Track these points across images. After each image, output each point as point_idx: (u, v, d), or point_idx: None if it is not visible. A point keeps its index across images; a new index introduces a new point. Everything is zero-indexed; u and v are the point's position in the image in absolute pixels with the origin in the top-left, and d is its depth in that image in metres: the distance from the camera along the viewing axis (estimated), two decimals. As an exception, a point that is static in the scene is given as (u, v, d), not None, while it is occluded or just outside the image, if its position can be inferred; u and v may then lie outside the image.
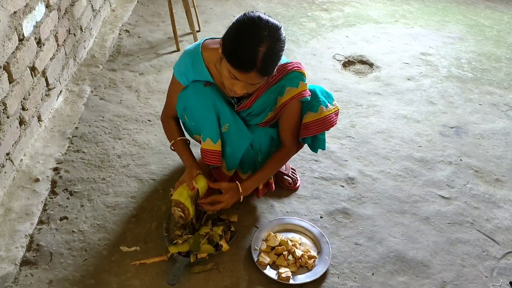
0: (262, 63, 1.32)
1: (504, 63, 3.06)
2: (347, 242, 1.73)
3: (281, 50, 1.37)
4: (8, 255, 1.57)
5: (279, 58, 1.39)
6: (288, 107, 1.61)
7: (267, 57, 1.33)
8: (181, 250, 1.59)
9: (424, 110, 2.53)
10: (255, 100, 1.59)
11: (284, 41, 1.38)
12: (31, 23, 1.94)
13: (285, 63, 1.57)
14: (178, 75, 1.63)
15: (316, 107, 1.64)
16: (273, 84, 1.57)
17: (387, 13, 3.68)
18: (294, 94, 1.57)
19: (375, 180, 2.03)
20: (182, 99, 1.62)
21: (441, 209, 1.90)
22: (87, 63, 2.66)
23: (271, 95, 1.59)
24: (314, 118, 1.64)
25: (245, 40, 1.32)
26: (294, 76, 1.57)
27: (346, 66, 2.93)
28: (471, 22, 3.63)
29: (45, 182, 1.87)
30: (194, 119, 1.64)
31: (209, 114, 1.58)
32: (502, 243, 1.77)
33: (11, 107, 1.79)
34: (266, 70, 1.36)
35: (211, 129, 1.61)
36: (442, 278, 1.63)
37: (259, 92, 1.58)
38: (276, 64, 1.40)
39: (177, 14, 3.10)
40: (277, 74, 1.56)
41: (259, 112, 1.63)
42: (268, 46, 1.32)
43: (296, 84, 1.57)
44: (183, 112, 1.65)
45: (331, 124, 1.68)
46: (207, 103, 1.57)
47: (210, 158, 1.66)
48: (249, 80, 1.38)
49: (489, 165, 2.16)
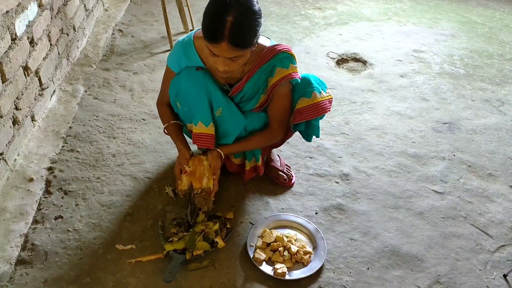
0: (231, 32, 1.32)
1: (496, 59, 3.08)
2: (342, 237, 1.74)
3: (252, 19, 1.36)
4: (3, 255, 1.57)
5: (253, 28, 1.38)
6: (278, 89, 1.62)
7: (235, 26, 1.32)
8: (176, 248, 1.59)
9: (417, 106, 2.55)
10: (246, 82, 1.61)
11: (257, 12, 1.37)
12: (24, 23, 1.93)
13: (274, 45, 1.60)
14: (170, 63, 1.67)
15: (310, 92, 1.66)
16: (263, 63, 1.59)
17: (380, 11, 3.70)
18: (284, 75, 1.59)
19: (369, 176, 2.04)
20: (175, 84, 1.65)
21: (435, 204, 1.92)
22: (80, 63, 2.65)
23: (262, 75, 1.61)
24: (307, 103, 1.66)
25: (212, 11, 1.35)
26: (284, 57, 1.59)
27: (340, 64, 2.94)
28: (463, 19, 3.66)
29: (39, 182, 1.86)
30: (186, 104, 1.65)
31: (201, 97, 1.60)
32: (496, 237, 1.79)
33: (4, 106, 1.78)
34: (237, 40, 1.35)
35: (203, 112, 1.62)
36: (436, 272, 1.64)
37: (250, 74, 1.60)
38: (250, 36, 1.38)
39: (170, 13, 3.10)
40: (267, 54, 1.58)
41: (251, 95, 1.65)
42: (236, 15, 1.32)
43: (286, 65, 1.59)
44: (176, 99, 1.67)
45: (325, 110, 1.69)
46: (199, 86, 1.59)
47: (202, 141, 1.66)
48: (223, 53, 1.37)
49: (482, 160, 2.18)
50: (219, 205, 1.81)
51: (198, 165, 1.67)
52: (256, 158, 1.83)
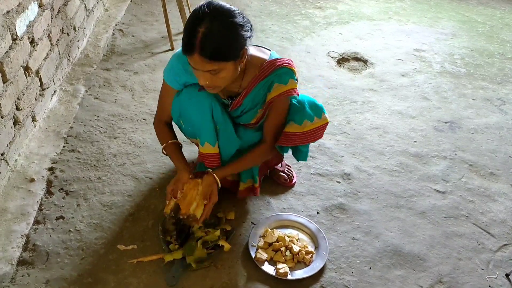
0: (202, 43, 1.29)
1: (496, 58, 3.08)
2: (344, 237, 1.74)
3: (228, 31, 1.31)
4: (5, 255, 1.56)
5: (227, 40, 1.31)
6: (275, 104, 1.58)
7: (206, 37, 1.28)
8: (176, 257, 1.57)
9: (419, 105, 2.55)
10: (245, 97, 1.58)
11: (238, 24, 1.32)
12: (24, 23, 1.93)
13: (275, 59, 1.55)
14: (168, 80, 1.60)
15: (301, 120, 1.61)
16: (261, 79, 1.55)
17: (380, 10, 3.70)
18: (282, 91, 1.55)
19: (371, 175, 2.03)
20: (177, 105, 1.60)
21: (437, 203, 1.92)
22: (81, 63, 2.65)
23: (260, 91, 1.57)
24: (296, 130, 1.62)
25: (188, 23, 1.33)
26: (283, 72, 1.54)
27: (341, 63, 2.94)
28: (464, 18, 3.65)
29: (40, 182, 1.86)
30: (191, 125, 1.63)
31: (206, 119, 1.57)
32: (498, 236, 1.79)
33: (5, 107, 1.78)
34: (208, 53, 1.29)
35: (208, 133, 1.60)
36: (438, 271, 1.64)
37: (249, 89, 1.56)
38: (225, 48, 1.32)
39: (170, 13, 3.09)
40: (266, 69, 1.53)
41: (250, 109, 1.62)
42: (208, 26, 1.29)
43: (285, 82, 1.54)
44: (179, 118, 1.64)
45: (314, 138, 1.66)
46: (203, 108, 1.55)
47: (210, 162, 1.66)
48: (198, 65, 1.34)
49: (484, 159, 2.18)
50: (220, 205, 1.80)
51: (192, 189, 1.59)
52: (254, 179, 1.77)
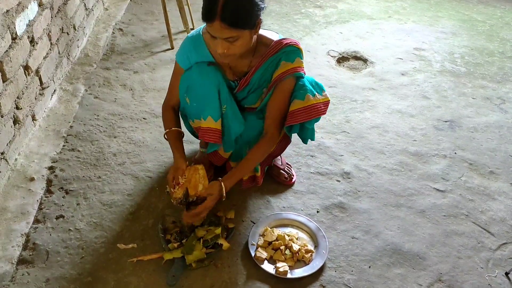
0: (223, 10, 1.32)
1: (496, 57, 3.08)
2: (344, 236, 1.74)
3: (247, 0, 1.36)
4: (5, 254, 1.57)
5: (247, 8, 1.37)
6: (281, 84, 1.61)
7: (227, 4, 1.32)
8: (175, 256, 1.57)
9: (418, 104, 2.55)
10: (253, 74, 1.61)
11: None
12: (24, 22, 1.93)
13: (282, 38, 1.60)
14: (180, 60, 1.65)
15: (302, 94, 1.63)
16: (270, 56, 1.58)
17: (380, 9, 3.70)
18: (288, 68, 1.58)
19: (370, 174, 2.04)
20: (185, 79, 1.63)
21: (437, 202, 1.92)
22: (81, 62, 2.65)
23: (268, 68, 1.60)
24: (300, 105, 1.64)
25: None
26: (290, 50, 1.58)
27: (340, 62, 2.94)
28: (464, 17, 3.65)
29: (40, 181, 1.86)
30: (196, 99, 1.64)
31: (212, 92, 1.59)
32: (497, 235, 1.79)
33: (5, 106, 1.78)
34: (229, 18, 1.34)
35: (213, 107, 1.61)
36: (438, 270, 1.64)
37: (257, 66, 1.59)
38: (245, 15, 1.37)
39: (170, 12, 3.09)
40: (274, 47, 1.58)
41: (256, 88, 1.65)
42: None
43: (292, 59, 1.58)
44: (185, 94, 1.66)
45: (318, 112, 1.66)
46: (210, 82, 1.58)
47: (210, 136, 1.65)
48: (218, 33, 1.37)
49: (483, 158, 2.18)
50: (220, 204, 1.80)
51: (193, 174, 1.61)
52: (255, 168, 1.78)
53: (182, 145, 1.72)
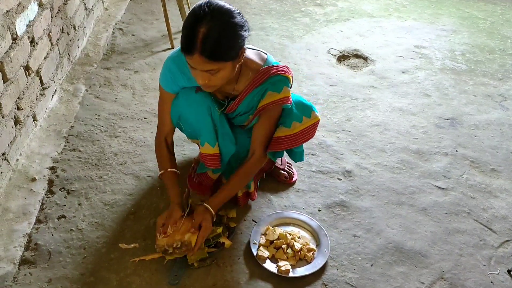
0: (202, 44, 1.27)
1: (497, 54, 3.07)
2: (346, 234, 1.74)
3: (228, 31, 1.30)
4: (7, 255, 1.57)
5: (227, 41, 1.30)
6: (268, 111, 1.56)
7: (207, 38, 1.26)
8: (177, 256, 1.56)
9: (419, 102, 2.54)
10: (240, 102, 1.57)
11: (237, 24, 1.31)
12: (24, 22, 1.93)
13: (270, 66, 1.53)
14: (165, 85, 1.58)
15: (289, 122, 1.61)
16: (256, 86, 1.53)
17: (380, 7, 3.69)
18: (274, 99, 1.53)
19: (372, 172, 2.03)
20: (175, 108, 1.60)
21: (438, 200, 1.91)
22: (81, 62, 2.65)
23: (255, 97, 1.56)
24: (285, 133, 1.61)
25: (187, 24, 1.31)
26: (277, 80, 1.52)
27: (341, 60, 2.93)
28: (464, 14, 3.64)
29: (42, 182, 1.86)
30: (190, 127, 1.63)
31: (205, 120, 1.57)
32: (499, 232, 1.79)
33: (5, 106, 1.78)
34: (208, 52, 1.28)
35: (208, 134, 1.60)
36: (440, 268, 1.64)
37: (243, 94, 1.55)
38: (225, 48, 1.31)
39: (170, 11, 3.09)
40: (261, 76, 1.52)
41: (244, 113, 1.63)
42: (209, 26, 1.27)
43: (279, 90, 1.52)
44: (178, 121, 1.64)
45: (305, 138, 1.65)
46: (201, 110, 1.55)
47: (210, 162, 1.66)
48: (198, 65, 1.32)
49: (485, 155, 2.18)
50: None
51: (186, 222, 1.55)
52: (247, 185, 1.76)
53: (178, 187, 1.63)
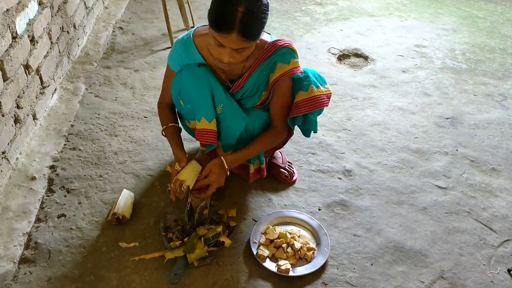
0: (242, 23, 1.31)
1: (498, 53, 3.07)
2: (346, 233, 1.74)
3: (262, 12, 1.36)
4: (7, 253, 1.57)
5: (261, 21, 1.38)
6: (279, 85, 1.62)
7: (246, 17, 1.32)
8: (177, 255, 1.57)
9: (420, 101, 2.54)
10: (247, 78, 1.60)
11: (267, 5, 1.38)
12: (24, 21, 1.92)
13: (275, 40, 1.59)
14: (171, 63, 1.66)
15: (306, 86, 1.65)
16: (265, 60, 1.57)
17: (381, 6, 3.69)
18: (285, 71, 1.58)
19: (372, 172, 2.03)
20: (177, 82, 1.63)
21: (438, 199, 1.91)
22: (81, 61, 2.65)
23: (264, 71, 1.60)
24: (304, 97, 1.65)
25: (223, 1, 1.34)
26: (285, 52, 1.58)
27: (341, 59, 2.93)
28: (465, 13, 3.64)
29: (41, 180, 1.86)
30: (189, 101, 1.64)
31: (204, 94, 1.59)
32: (499, 232, 1.79)
33: (5, 105, 1.78)
34: (247, 32, 1.34)
35: (206, 108, 1.61)
36: (440, 267, 1.64)
37: (251, 70, 1.59)
38: (259, 28, 1.38)
39: (170, 10, 3.08)
40: (268, 50, 1.57)
41: (253, 92, 1.64)
42: (247, 6, 1.32)
43: (288, 61, 1.58)
44: (178, 96, 1.66)
45: (322, 104, 1.67)
46: (202, 83, 1.58)
47: (205, 137, 1.65)
48: (232, 44, 1.36)
49: (485, 154, 2.18)
50: (221, 202, 1.81)
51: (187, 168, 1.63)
52: (260, 160, 1.81)
53: (181, 140, 1.72)
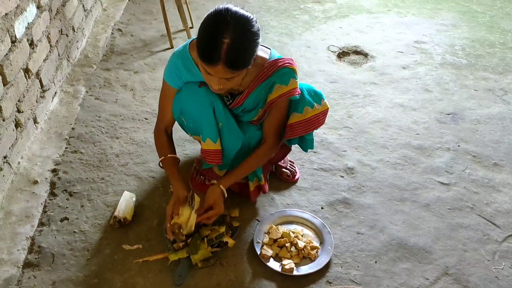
0: (228, 54, 1.27)
1: (497, 48, 3.06)
2: (349, 231, 1.74)
3: (250, 41, 1.32)
4: (10, 258, 1.57)
5: (250, 50, 1.33)
6: (276, 104, 1.58)
7: (232, 48, 1.27)
8: (180, 257, 1.57)
9: (420, 98, 2.54)
10: (247, 97, 1.57)
11: (256, 33, 1.32)
12: (23, 25, 1.92)
13: (276, 59, 1.54)
14: (169, 79, 1.58)
15: (301, 108, 1.61)
16: (263, 80, 1.54)
17: (379, 2, 3.68)
18: (283, 92, 1.54)
19: (374, 169, 2.03)
20: (178, 102, 1.60)
21: (441, 195, 1.91)
22: (80, 64, 2.65)
23: (262, 91, 1.56)
24: (299, 119, 1.62)
25: (209, 33, 1.29)
26: (284, 72, 1.53)
27: (341, 57, 2.92)
28: (464, 8, 3.63)
29: (44, 184, 1.86)
30: (192, 121, 1.62)
31: (207, 115, 1.57)
32: (503, 227, 1.78)
33: (6, 109, 1.78)
34: (233, 63, 1.30)
35: (210, 129, 1.59)
36: (444, 263, 1.64)
37: (250, 89, 1.55)
38: (247, 58, 1.34)
39: (169, 11, 3.08)
40: (267, 70, 1.53)
41: (251, 108, 1.62)
42: (233, 37, 1.27)
43: (286, 82, 1.54)
44: (180, 115, 1.64)
45: (317, 124, 1.66)
46: (204, 104, 1.55)
47: (211, 158, 1.66)
48: (219, 74, 1.33)
49: (487, 150, 2.17)
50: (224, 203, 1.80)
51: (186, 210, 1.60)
52: (258, 177, 1.77)
53: (179, 172, 1.65)
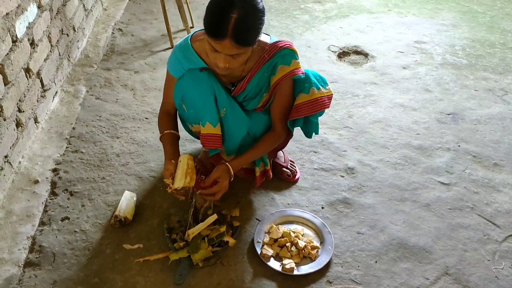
0: (235, 30, 1.30)
1: (498, 48, 3.06)
2: (349, 231, 1.74)
3: (257, 18, 1.35)
4: (11, 257, 1.57)
5: (256, 27, 1.36)
6: (280, 87, 1.61)
7: (240, 23, 1.30)
8: (181, 256, 1.57)
9: (421, 98, 2.54)
10: (249, 81, 1.59)
11: (262, 10, 1.36)
12: (24, 24, 1.92)
13: (276, 41, 1.58)
14: (172, 69, 1.64)
15: (307, 88, 1.64)
16: (265, 62, 1.57)
17: (380, 2, 3.68)
18: (286, 72, 1.57)
19: (374, 169, 2.03)
20: (179, 88, 1.62)
21: (441, 195, 1.91)
22: (81, 63, 2.65)
23: (265, 73, 1.59)
24: (305, 99, 1.64)
25: (217, 8, 1.32)
26: (285, 53, 1.57)
27: (341, 57, 2.93)
28: (464, 8, 3.63)
29: (44, 184, 1.86)
30: (193, 106, 1.63)
31: (207, 98, 1.58)
32: (503, 227, 1.79)
33: (7, 109, 1.78)
34: (240, 38, 1.33)
35: (210, 113, 1.60)
36: (445, 263, 1.64)
37: (252, 73, 1.58)
38: (253, 34, 1.37)
39: (169, 11, 3.08)
40: (268, 52, 1.56)
41: (254, 94, 1.63)
42: (241, 12, 1.30)
43: (288, 62, 1.57)
44: (181, 102, 1.65)
45: (323, 106, 1.67)
46: (204, 88, 1.57)
47: (210, 143, 1.65)
48: (226, 50, 1.35)
49: (487, 150, 2.17)
50: (224, 202, 1.81)
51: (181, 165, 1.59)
52: (264, 162, 1.80)
53: (176, 147, 1.68)
